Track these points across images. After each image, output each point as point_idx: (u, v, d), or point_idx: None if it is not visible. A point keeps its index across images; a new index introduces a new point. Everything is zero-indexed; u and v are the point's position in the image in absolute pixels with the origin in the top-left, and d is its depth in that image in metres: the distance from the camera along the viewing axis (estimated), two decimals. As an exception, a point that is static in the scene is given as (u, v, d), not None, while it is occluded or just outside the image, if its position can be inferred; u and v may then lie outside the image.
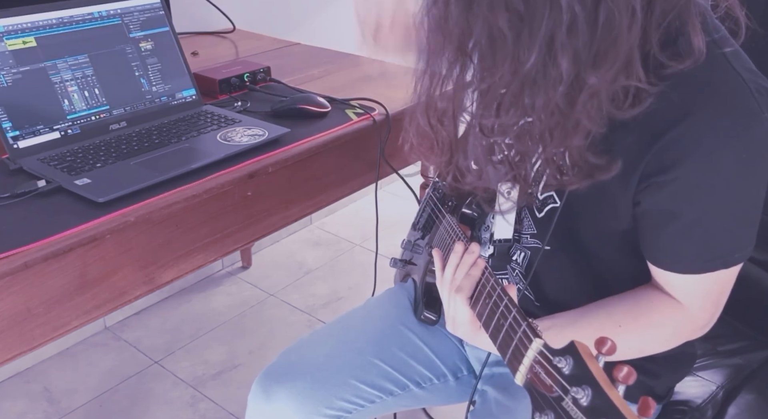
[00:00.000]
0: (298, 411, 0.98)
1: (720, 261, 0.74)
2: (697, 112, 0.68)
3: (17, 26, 1.05)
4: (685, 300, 0.78)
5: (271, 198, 1.10)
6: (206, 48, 1.66)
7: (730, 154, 0.68)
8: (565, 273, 0.87)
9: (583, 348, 0.52)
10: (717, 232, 0.73)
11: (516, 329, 0.63)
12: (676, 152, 0.69)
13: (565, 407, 0.51)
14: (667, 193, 0.71)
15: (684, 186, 0.70)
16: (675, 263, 0.76)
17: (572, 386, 0.51)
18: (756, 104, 0.68)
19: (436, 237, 1.00)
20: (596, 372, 0.50)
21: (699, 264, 0.75)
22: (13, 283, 0.82)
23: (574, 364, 0.52)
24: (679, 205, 0.72)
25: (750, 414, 0.99)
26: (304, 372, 1.00)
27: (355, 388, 1.00)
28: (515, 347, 0.62)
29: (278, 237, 2.43)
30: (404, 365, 1.02)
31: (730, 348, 1.09)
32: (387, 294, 1.14)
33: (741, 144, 0.68)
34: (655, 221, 0.75)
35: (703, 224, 0.72)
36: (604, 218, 0.78)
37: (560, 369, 0.53)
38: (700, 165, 0.69)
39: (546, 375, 0.55)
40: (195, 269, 1.02)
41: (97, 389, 1.78)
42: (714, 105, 0.68)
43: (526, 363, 0.59)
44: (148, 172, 1.00)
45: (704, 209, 0.71)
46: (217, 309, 2.09)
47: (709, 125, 0.68)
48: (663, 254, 0.77)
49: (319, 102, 1.24)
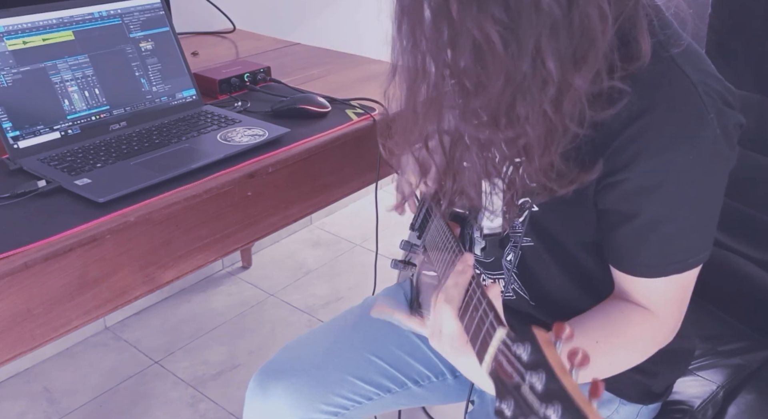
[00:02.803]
0: (294, 408, 0.98)
1: (674, 267, 0.75)
2: (646, 114, 0.69)
3: (17, 26, 1.05)
4: (653, 307, 0.78)
5: (271, 198, 1.10)
6: (206, 48, 1.66)
7: (678, 155, 0.69)
8: (552, 272, 0.87)
9: (541, 334, 0.53)
10: (670, 236, 0.74)
11: (484, 319, 0.63)
12: (627, 153, 0.70)
13: (523, 393, 0.51)
14: (619, 194, 0.72)
15: (634, 186, 0.71)
16: (632, 266, 0.77)
17: (528, 371, 0.51)
18: (703, 105, 0.69)
19: (428, 237, 1.00)
20: (551, 357, 0.50)
21: (655, 269, 0.76)
22: (13, 283, 0.82)
23: (532, 350, 0.52)
24: (631, 206, 0.72)
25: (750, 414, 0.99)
26: (301, 368, 1.00)
27: (353, 385, 1.00)
28: (483, 337, 0.62)
29: (278, 237, 2.43)
30: (402, 363, 1.02)
31: (730, 348, 1.09)
32: (384, 292, 1.14)
33: (688, 145, 0.69)
34: (610, 222, 0.75)
35: (655, 228, 0.73)
36: (574, 220, 0.79)
37: (519, 355, 0.53)
38: (649, 166, 0.70)
39: (507, 363, 0.55)
40: (195, 269, 1.02)
41: (97, 389, 1.78)
42: (663, 107, 0.68)
43: (491, 351, 0.59)
44: (148, 172, 1.00)
45: (655, 211, 0.72)
46: (217, 310, 2.09)
47: (657, 127, 0.69)
48: (620, 257, 0.78)
49: (319, 102, 1.24)
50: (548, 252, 0.85)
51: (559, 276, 0.87)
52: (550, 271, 0.87)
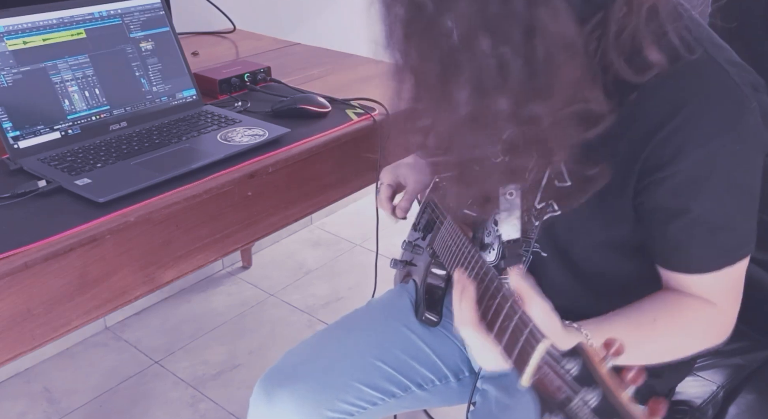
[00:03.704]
0: (300, 414, 0.98)
1: (724, 259, 0.75)
2: (688, 105, 0.68)
3: (17, 26, 1.05)
4: (712, 297, 0.77)
5: (271, 198, 1.10)
6: (206, 48, 1.66)
7: (725, 144, 0.69)
8: (561, 279, 0.86)
9: (590, 349, 0.52)
10: (719, 229, 0.73)
11: (522, 330, 0.63)
12: (671, 148, 0.69)
13: (574, 409, 0.51)
14: (666, 190, 0.72)
15: (681, 180, 0.70)
16: (684, 263, 0.76)
17: (581, 388, 0.51)
18: (742, 93, 0.69)
19: (437, 239, 1.00)
20: (604, 374, 0.50)
21: (707, 263, 0.75)
22: (13, 283, 0.82)
23: (582, 366, 0.52)
24: (680, 201, 0.72)
25: (751, 414, 0.99)
26: (306, 374, 1.00)
27: (358, 390, 0.99)
28: (521, 349, 0.62)
29: (278, 237, 2.43)
30: (406, 367, 1.02)
31: (730, 348, 1.09)
32: (388, 295, 1.14)
33: (734, 133, 0.69)
34: (658, 219, 0.75)
35: (705, 221, 0.72)
36: (600, 226, 0.78)
37: (568, 370, 0.53)
38: (697, 157, 0.69)
39: (554, 377, 0.55)
40: (195, 269, 1.02)
41: (97, 389, 1.78)
42: (703, 97, 0.68)
43: (533, 364, 0.59)
44: (148, 172, 1.00)
45: (704, 204, 0.71)
46: (218, 310, 2.09)
47: (700, 117, 0.68)
48: (670, 255, 0.77)
49: (319, 102, 1.24)
50: (558, 258, 0.85)
51: (567, 282, 0.86)
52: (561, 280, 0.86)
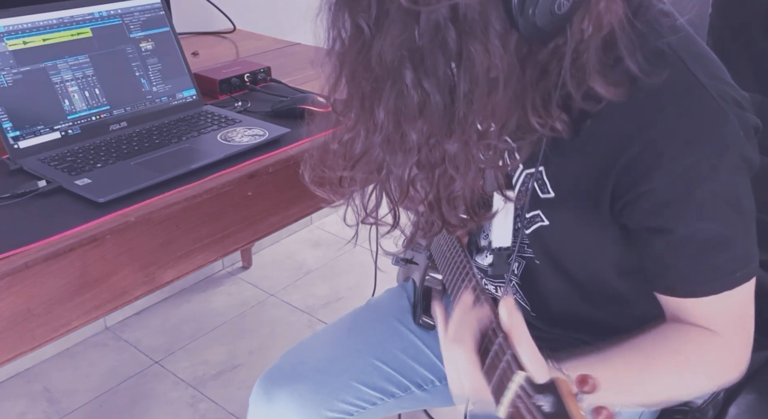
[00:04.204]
0: (299, 414, 0.98)
1: (721, 283, 0.69)
2: (653, 120, 0.65)
3: (18, 26, 1.05)
4: (714, 326, 0.71)
5: (271, 198, 1.10)
6: (206, 48, 1.66)
7: (701, 160, 0.64)
8: (555, 286, 0.85)
9: (563, 385, 0.51)
10: (710, 249, 0.68)
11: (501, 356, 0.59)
12: (643, 165, 0.66)
13: None
14: (645, 210, 0.68)
15: (659, 199, 0.67)
16: (676, 287, 0.71)
17: None
18: (718, 106, 0.65)
19: (434, 242, 1.00)
20: (575, 413, 0.49)
21: (701, 286, 0.70)
22: (13, 283, 0.82)
23: (554, 402, 0.51)
24: (662, 221, 0.68)
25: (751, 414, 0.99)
26: (305, 374, 1.00)
27: (357, 390, 0.99)
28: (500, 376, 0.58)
29: (278, 237, 2.43)
30: (406, 367, 1.02)
31: (730, 348, 1.09)
32: (387, 294, 1.14)
33: (709, 146, 0.65)
34: (642, 241, 0.71)
35: (692, 241, 0.68)
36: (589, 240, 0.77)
37: (540, 407, 0.51)
38: (670, 174, 0.65)
39: (526, 412, 0.53)
40: (195, 269, 1.02)
41: (97, 389, 1.78)
42: (672, 110, 0.65)
43: (508, 395, 0.56)
44: (148, 172, 1.00)
45: (689, 224, 0.67)
46: (218, 310, 2.09)
47: (670, 132, 0.64)
48: (660, 279, 0.72)
49: (319, 102, 1.24)
50: (552, 266, 0.82)
51: (562, 289, 0.84)
52: (555, 287, 0.85)
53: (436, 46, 0.58)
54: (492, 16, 0.57)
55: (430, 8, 0.56)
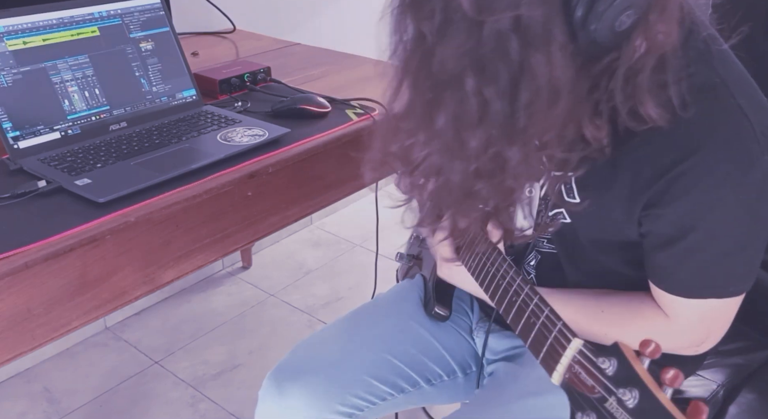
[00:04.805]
0: (311, 408, 0.98)
1: (710, 291, 0.75)
2: (699, 153, 0.68)
3: (17, 26, 1.05)
4: (675, 317, 0.79)
5: (271, 198, 1.10)
6: (206, 48, 1.66)
7: (728, 195, 0.69)
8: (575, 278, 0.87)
9: (627, 349, 0.52)
10: (710, 264, 0.74)
11: (550, 328, 0.63)
12: (676, 189, 0.70)
13: (608, 408, 0.51)
14: (665, 222, 0.73)
15: (681, 216, 0.71)
16: (666, 283, 0.77)
17: (618, 387, 0.51)
18: (757, 147, 0.69)
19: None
20: (643, 374, 0.50)
21: (690, 290, 0.76)
22: (13, 283, 0.82)
23: (619, 365, 0.52)
24: (675, 232, 0.73)
25: (750, 413, 0.99)
26: (317, 368, 1.00)
27: (369, 385, 0.99)
28: (550, 346, 0.62)
29: (278, 238, 2.43)
30: (417, 362, 1.02)
31: (730, 347, 1.09)
32: (397, 289, 1.14)
33: (740, 187, 0.69)
34: (652, 243, 0.76)
35: (696, 253, 0.73)
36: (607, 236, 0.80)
37: (603, 369, 0.53)
38: (698, 201, 0.70)
39: (587, 376, 0.55)
40: (195, 269, 1.02)
41: (97, 389, 1.78)
42: (716, 148, 0.68)
43: (564, 362, 0.59)
44: (148, 172, 1.00)
45: (698, 240, 0.72)
46: (218, 310, 2.09)
47: (709, 167, 0.68)
48: (656, 272, 0.78)
49: (319, 102, 1.24)
50: (569, 259, 0.86)
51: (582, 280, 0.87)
52: (566, 275, 0.88)
53: (498, 55, 0.59)
54: (554, 29, 0.58)
55: (494, 18, 0.57)
